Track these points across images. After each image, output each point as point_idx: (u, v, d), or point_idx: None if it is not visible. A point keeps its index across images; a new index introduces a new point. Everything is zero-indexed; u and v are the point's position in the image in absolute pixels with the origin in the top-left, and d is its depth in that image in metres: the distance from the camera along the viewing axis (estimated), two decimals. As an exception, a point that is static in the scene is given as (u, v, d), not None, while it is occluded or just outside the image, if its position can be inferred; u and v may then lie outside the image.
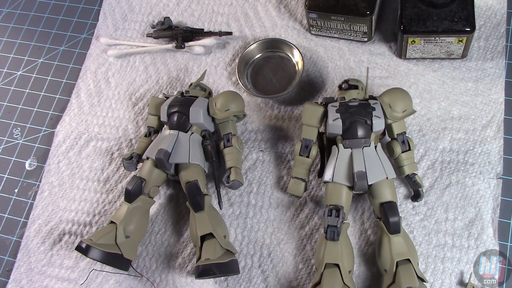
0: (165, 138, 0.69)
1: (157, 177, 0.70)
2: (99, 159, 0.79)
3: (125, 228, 0.66)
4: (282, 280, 0.67)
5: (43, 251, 0.74)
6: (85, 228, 0.75)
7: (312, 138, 0.68)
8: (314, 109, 0.67)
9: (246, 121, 0.78)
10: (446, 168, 0.69)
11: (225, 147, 0.71)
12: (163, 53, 0.86)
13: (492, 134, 0.70)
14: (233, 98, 0.71)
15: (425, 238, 0.66)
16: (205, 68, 0.83)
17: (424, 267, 0.64)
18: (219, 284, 0.68)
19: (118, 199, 0.75)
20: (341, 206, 0.62)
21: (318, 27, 0.79)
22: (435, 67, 0.75)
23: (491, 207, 0.66)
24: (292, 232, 0.69)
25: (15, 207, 0.79)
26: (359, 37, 0.78)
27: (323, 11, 0.75)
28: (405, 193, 0.69)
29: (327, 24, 0.77)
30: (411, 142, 0.67)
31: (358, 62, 0.78)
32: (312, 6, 0.75)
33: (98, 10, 0.93)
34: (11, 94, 0.89)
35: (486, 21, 0.77)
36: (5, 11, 0.97)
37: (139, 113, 0.82)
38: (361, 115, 0.64)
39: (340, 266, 0.60)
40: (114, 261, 0.65)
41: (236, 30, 0.85)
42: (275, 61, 0.82)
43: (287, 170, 0.73)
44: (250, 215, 0.71)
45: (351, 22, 0.75)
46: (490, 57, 0.75)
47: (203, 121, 0.70)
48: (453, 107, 0.73)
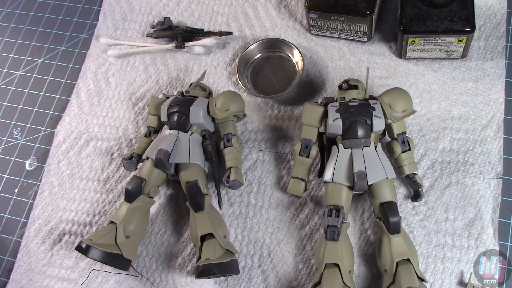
0: (165, 138, 0.69)
1: (157, 177, 0.70)
2: (99, 159, 0.79)
3: (125, 228, 0.66)
4: (282, 280, 0.67)
5: (43, 251, 0.74)
6: (85, 228, 0.75)
7: (312, 138, 0.68)
8: (314, 109, 0.67)
9: (246, 121, 0.78)
10: (446, 168, 0.69)
11: (225, 147, 0.71)
12: (163, 53, 0.86)
13: (492, 134, 0.70)
14: (233, 98, 0.71)
15: (425, 238, 0.66)
16: (205, 68, 0.83)
17: (424, 267, 0.64)
18: (219, 284, 0.68)
19: (118, 199, 0.75)
20: (341, 206, 0.62)
21: (318, 27, 0.79)
22: (435, 67, 0.75)
23: (491, 207, 0.66)
24: (292, 232, 0.69)
25: (15, 207, 0.79)
26: (359, 37, 0.78)
27: (323, 11, 0.75)
28: (405, 193, 0.69)
29: (327, 24, 0.77)
30: (411, 142, 0.67)
31: (358, 62, 0.78)
32: (312, 6, 0.75)
33: (98, 10, 0.93)
34: (11, 94, 0.89)
35: (486, 21, 0.77)
36: (5, 11, 0.97)
37: (139, 113, 0.82)
38: (361, 115, 0.64)
39: (340, 266, 0.60)
40: (114, 261, 0.65)
41: (236, 30, 0.85)
42: (275, 61, 0.82)
43: (287, 170, 0.73)
44: (250, 215, 0.71)
45: (351, 22, 0.75)
46: (490, 57, 0.75)
47: (203, 121, 0.70)
48: (453, 107, 0.73)
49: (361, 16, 0.73)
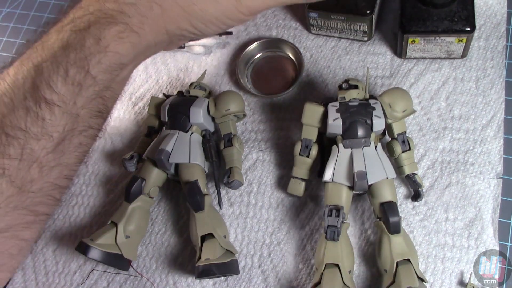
0: (165, 138, 0.69)
1: (157, 177, 0.70)
2: (99, 159, 0.79)
3: (125, 228, 0.66)
4: (282, 280, 0.67)
5: (42, 251, 0.74)
6: (85, 228, 0.75)
7: (312, 138, 0.68)
8: (314, 109, 0.67)
9: (246, 121, 0.78)
10: (446, 168, 0.69)
11: (225, 147, 0.71)
12: (163, 53, 0.86)
13: (492, 134, 0.70)
14: (233, 98, 0.71)
15: (425, 238, 0.66)
16: (205, 68, 0.83)
17: (424, 267, 0.64)
18: (219, 284, 0.68)
19: (118, 199, 0.75)
20: (341, 206, 0.62)
21: (318, 26, 0.79)
22: (435, 67, 0.75)
23: (491, 207, 0.66)
24: (292, 232, 0.69)
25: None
26: (359, 37, 0.78)
27: (323, 10, 0.75)
28: (405, 193, 0.69)
29: (327, 24, 0.77)
30: (411, 142, 0.67)
31: (358, 62, 0.78)
32: (312, 5, 0.75)
33: (98, 10, 0.93)
34: (11, 94, 0.88)
35: (486, 21, 0.77)
36: (5, 11, 0.97)
37: (139, 113, 0.81)
38: (361, 115, 0.64)
39: (340, 266, 0.60)
40: (114, 261, 0.65)
41: (236, 30, 0.85)
42: (275, 61, 0.82)
43: (287, 170, 0.73)
44: (250, 215, 0.71)
45: (351, 21, 0.75)
46: (490, 57, 0.75)
47: (203, 121, 0.70)
48: (453, 107, 0.73)
49: (361, 15, 0.73)
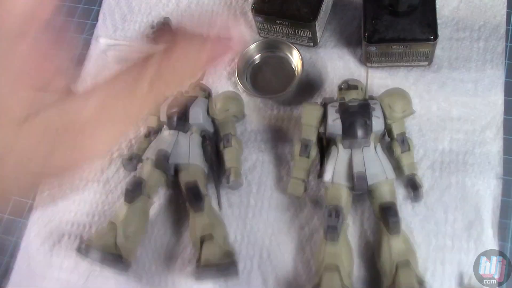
0: (164, 139, 0.69)
1: (157, 178, 0.69)
2: (99, 160, 0.79)
3: (124, 229, 0.66)
4: (281, 281, 0.67)
5: (42, 252, 0.74)
6: (84, 229, 0.75)
7: (312, 138, 0.68)
8: (313, 109, 0.67)
9: (246, 122, 0.78)
10: (445, 169, 0.69)
11: (224, 148, 0.71)
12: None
13: (492, 135, 0.70)
14: (233, 98, 0.71)
15: (425, 239, 0.66)
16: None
17: (424, 268, 0.64)
18: (219, 285, 0.68)
19: (118, 200, 0.75)
20: (341, 207, 0.62)
21: (266, 30, 0.79)
22: (435, 68, 0.75)
23: (491, 208, 0.66)
24: (292, 233, 0.69)
25: (15, 208, 0.79)
26: (305, 42, 0.79)
27: (267, 14, 0.75)
28: (404, 194, 0.69)
29: (273, 28, 0.77)
30: (410, 142, 0.67)
31: (358, 62, 0.78)
32: (258, 10, 0.75)
33: (98, 10, 0.93)
34: (10, 95, 0.88)
35: (485, 22, 0.77)
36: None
37: (138, 113, 0.81)
38: (360, 115, 0.64)
39: (339, 267, 0.60)
40: (114, 262, 0.65)
41: (236, 29, 0.85)
42: (274, 61, 0.82)
43: (287, 170, 0.73)
44: (249, 216, 0.71)
45: (295, 27, 0.75)
46: (489, 58, 0.74)
47: (202, 122, 0.70)
48: (452, 108, 0.72)
49: (304, 21, 0.73)
